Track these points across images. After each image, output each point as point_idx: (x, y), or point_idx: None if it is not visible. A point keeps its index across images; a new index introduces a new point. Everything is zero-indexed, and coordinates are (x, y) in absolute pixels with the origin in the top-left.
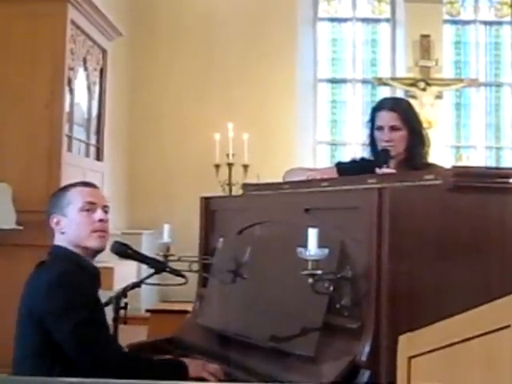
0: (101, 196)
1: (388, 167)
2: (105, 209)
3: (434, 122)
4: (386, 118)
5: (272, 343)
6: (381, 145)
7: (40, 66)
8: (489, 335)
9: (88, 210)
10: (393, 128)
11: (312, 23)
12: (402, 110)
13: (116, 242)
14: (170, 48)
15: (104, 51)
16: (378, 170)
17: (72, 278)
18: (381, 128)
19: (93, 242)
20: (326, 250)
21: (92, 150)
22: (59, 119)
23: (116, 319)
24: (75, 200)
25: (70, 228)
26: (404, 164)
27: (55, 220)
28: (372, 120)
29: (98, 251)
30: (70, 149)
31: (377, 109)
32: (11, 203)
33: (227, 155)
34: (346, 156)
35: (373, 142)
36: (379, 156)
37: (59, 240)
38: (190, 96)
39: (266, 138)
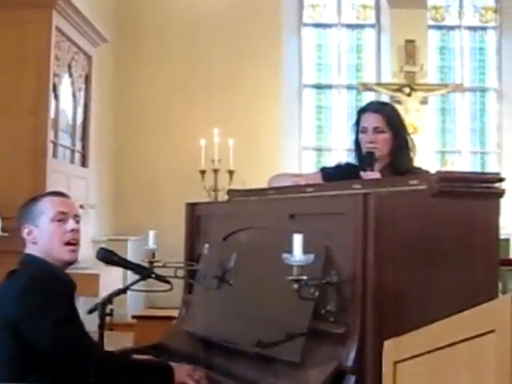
0: (72, 205)
1: (372, 170)
2: (76, 218)
3: (419, 127)
4: (370, 119)
5: (258, 349)
6: (365, 147)
7: (25, 73)
8: (474, 340)
9: (60, 220)
10: (376, 130)
11: (297, 29)
12: (387, 112)
13: (101, 249)
14: (154, 54)
15: (89, 57)
16: (362, 174)
17: (43, 282)
18: (365, 129)
19: (64, 255)
20: (312, 256)
21: (77, 156)
22: (44, 125)
23: (102, 326)
24: (47, 210)
25: (41, 238)
26: (389, 168)
27: (26, 230)
28: (357, 123)
29: (69, 263)
30: (55, 155)
31: (362, 111)
32: None
33: (213, 161)
34: (331, 161)
35: (358, 147)
36: (364, 159)
37: (31, 249)
38: (175, 102)
39: (252, 144)
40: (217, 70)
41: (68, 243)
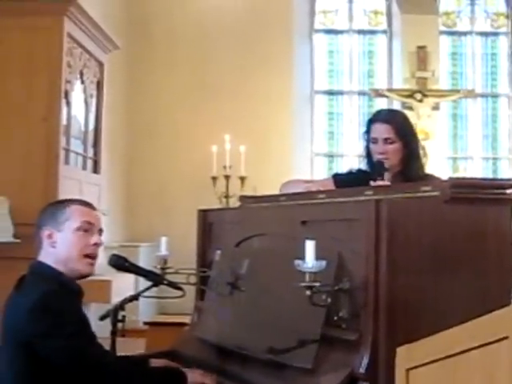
0: (98, 218)
1: (382, 179)
2: (100, 232)
3: (430, 133)
4: (380, 130)
5: (270, 355)
6: (375, 157)
7: (37, 79)
8: (487, 346)
9: (85, 231)
10: (387, 140)
11: (308, 35)
12: (397, 122)
13: (113, 255)
14: (166, 60)
15: (101, 64)
16: (372, 183)
17: (56, 299)
18: (375, 140)
19: (82, 267)
20: (324, 262)
21: (89, 162)
22: (56, 132)
23: (114, 332)
24: (73, 218)
25: (62, 244)
26: (400, 176)
27: (47, 233)
28: (368, 131)
29: (84, 276)
30: (67, 161)
31: (372, 121)
32: (8, 216)
33: (224, 167)
34: (343, 167)
35: (369, 154)
36: (374, 168)
37: (46, 254)
38: (186, 108)
39: (263, 150)
40: (228, 76)
41: (87, 256)
